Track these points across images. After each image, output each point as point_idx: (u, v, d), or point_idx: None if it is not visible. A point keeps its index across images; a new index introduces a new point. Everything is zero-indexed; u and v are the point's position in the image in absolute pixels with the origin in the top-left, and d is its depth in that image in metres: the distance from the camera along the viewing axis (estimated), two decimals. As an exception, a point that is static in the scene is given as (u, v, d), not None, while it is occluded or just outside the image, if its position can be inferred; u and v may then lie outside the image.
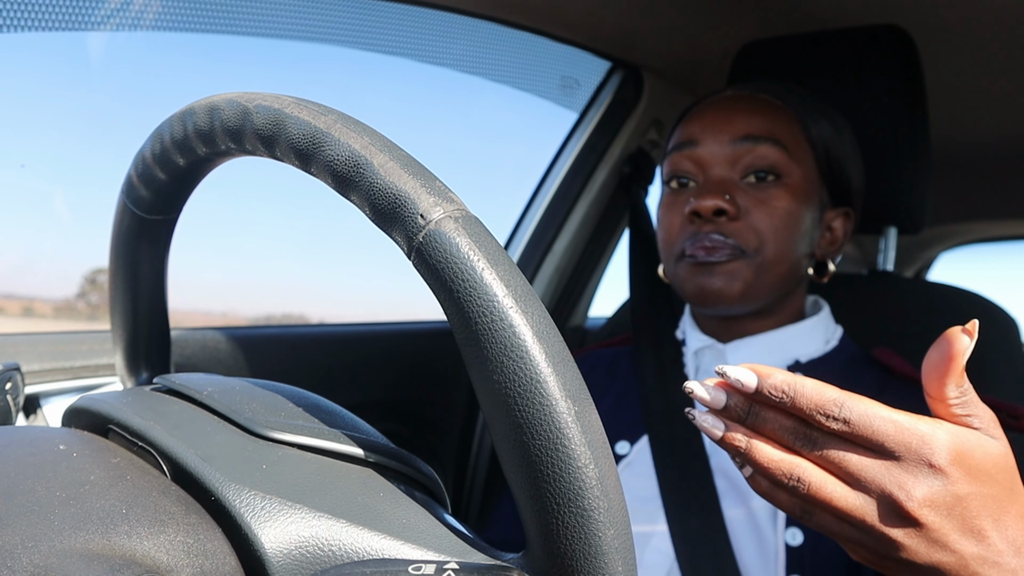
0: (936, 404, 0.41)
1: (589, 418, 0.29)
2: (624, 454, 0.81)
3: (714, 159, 0.76)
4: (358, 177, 0.31)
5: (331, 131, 0.32)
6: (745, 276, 0.74)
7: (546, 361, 0.28)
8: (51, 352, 0.87)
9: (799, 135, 0.77)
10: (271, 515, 0.31)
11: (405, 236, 0.30)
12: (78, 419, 0.40)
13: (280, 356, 1.06)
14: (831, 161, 0.79)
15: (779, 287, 0.77)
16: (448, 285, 0.29)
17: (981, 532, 0.39)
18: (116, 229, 0.44)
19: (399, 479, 0.36)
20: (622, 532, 0.29)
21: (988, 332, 0.87)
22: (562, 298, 1.41)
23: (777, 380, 0.39)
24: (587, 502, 0.28)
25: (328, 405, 0.41)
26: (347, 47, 1.08)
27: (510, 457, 0.29)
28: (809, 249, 0.79)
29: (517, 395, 0.28)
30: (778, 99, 0.79)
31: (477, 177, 2.41)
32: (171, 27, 0.92)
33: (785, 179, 0.75)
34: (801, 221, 0.76)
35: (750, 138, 0.75)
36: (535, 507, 0.29)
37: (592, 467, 0.28)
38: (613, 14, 1.11)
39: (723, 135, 0.76)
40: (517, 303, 0.29)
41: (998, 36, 1.11)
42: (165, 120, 0.38)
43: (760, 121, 0.76)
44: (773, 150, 0.75)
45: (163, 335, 0.48)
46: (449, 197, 0.31)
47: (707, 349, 0.82)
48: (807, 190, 0.77)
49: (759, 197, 0.74)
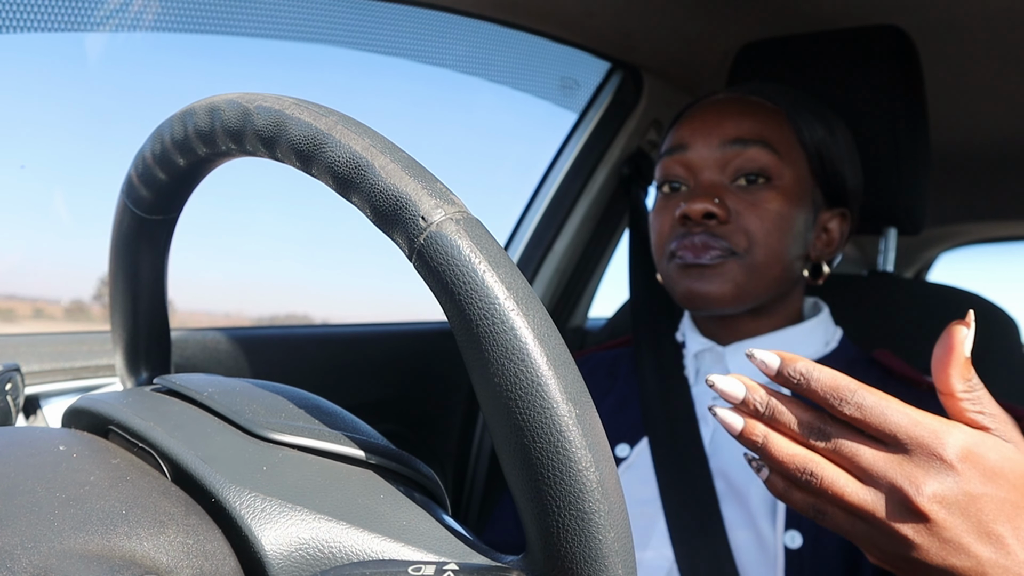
0: (948, 400, 0.41)
1: (590, 421, 0.29)
2: (624, 456, 0.81)
3: (704, 163, 0.77)
4: (359, 179, 0.31)
5: (332, 132, 0.32)
6: (736, 277, 0.74)
7: (547, 364, 0.28)
8: (51, 353, 0.87)
9: (790, 137, 0.77)
10: (271, 517, 0.31)
11: (406, 238, 0.30)
12: (78, 420, 0.40)
13: (280, 357, 1.06)
14: (824, 162, 0.78)
15: (772, 288, 0.77)
16: (449, 287, 0.29)
17: (999, 538, 0.38)
18: (116, 229, 0.44)
19: (399, 481, 0.37)
20: (622, 535, 0.29)
21: (988, 332, 0.87)
22: (562, 299, 1.41)
23: (797, 364, 0.41)
24: (588, 505, 0.28)
25: (328, 406, 0.41)
26: (347, 48, 1.08)
27: (511, 459, 0.29)
28: (803, 251, 0.78)
29: (518, 398, 0.28)
30: (770, 101, 0.79)
31: (477, 178, 2.41)
32: (172, 28, 0.92)
33: (775, 181, 0.75)
34: (793, 223, 0.76)
35: (739, 141, 0.75)
36: (535, 509, 0.29)
37: (593, 470, 0.28)
38: (613, 15, 1.11)
39: (712, 139, 0.76)
40: (518, 306, 0.29)
41: (997, 37, 1.11)
42: (165, 120, 0.38)
43: (749, 124, 0.76)
44: (763, 153, 0.75)
45: (163, 335, 0.48)
46: (450, 199, 0.31)
47: (707, 352, 0.82)
48: (798, 192, 0.76)
49: (749, 200, 0.75)
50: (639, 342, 0.90)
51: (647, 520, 0.76)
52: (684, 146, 0.78)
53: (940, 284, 0.96)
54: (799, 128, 0.77)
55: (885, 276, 1.03)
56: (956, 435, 0.38)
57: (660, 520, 0.75)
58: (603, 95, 1.33)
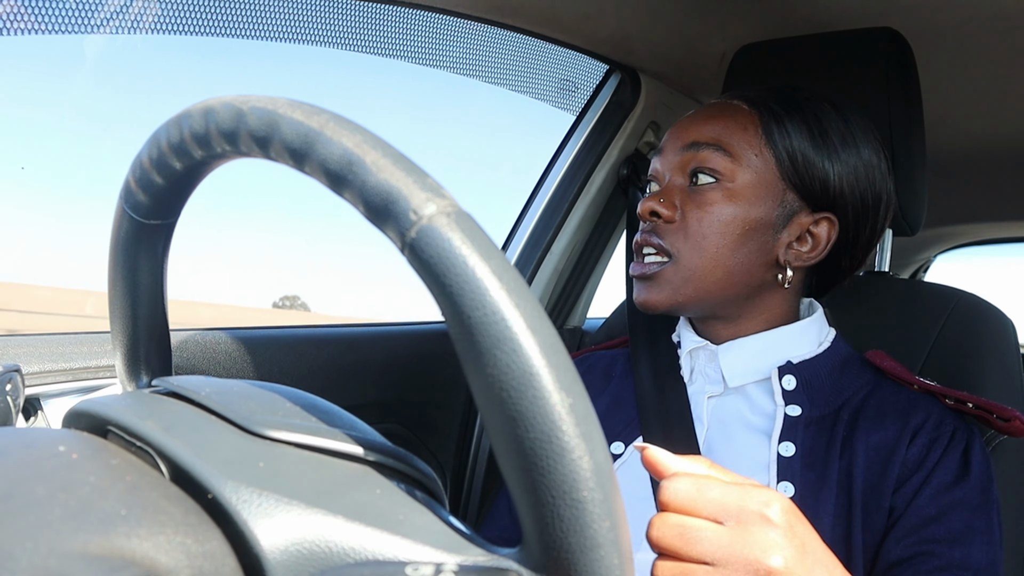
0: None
1: (583, 409, 0.29)
2: (619, 454, 0.82)
3: (667, 166, 0.81)
4: (351, 175, 0.31)
5: (324, 130, 0.32)
6: (674, 284, 0.77)
7: (539, 353, 0.28)
8: (51, 353, 0.87)
9: (754, 139, 0.77)
10: (267, 511, 0.31)
11: (398, 232, 0.30)
12: (77, 422, 0.40)
13: (281, 357, 1.07)
14: (797, 165, 0.77)
15: (720, 292, 0.77)
16: (441, 280, 0.29)
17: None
18: (115, 235, 0.44)
19: (396, 477, 0.37)
20: (617, 524, 0.29)
21: (982, 333, 0.88)
22: (560, 299, 1.41)
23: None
24: (582, 494, 0.28)
25: (325, 405, 0.41)
26: (346, 51, 1.08)
27: (505, 450, 0.29)
28: (765, 256, 0.78)
29: (511, 387, 0.28)
30: (749, 105, 0.79)
31: (475, 178, 2.42)
32: (173, 29, 0.92)
33: (724, 183, 0.76)
34: (740, 225, 0.76)
35: (695, 145, 0.78)
36: (530, 500, 0.29)
37: (587, 459, 0.28)
38: (610, 17, 1.11)
39: (677, 143, 0.80)
40: (509, 296, 0.29)
41: (992, 39, 1.11)
42: (162, 125, 0.39)
43: (710, 128, 0.78)
44: (714, 155, 0.77)
45: (163, 339, 0.48)
46: (441, 193, 0.31)
47: (700, 350, 0.83)
48: (754, 194, 0.76)
49: (696, 202, 0.77)
50: (635, 342, 0.91)
51: (641, 517, 0.76)
52: (661, 150, 0.83)
53: (936, 284, 0.96)
54: (769, 131, 0.77)
55: (881, 276, 1.04)
56: (773, 499, 0.48)
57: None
58: (601, 97, 1.33)
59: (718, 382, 0.80)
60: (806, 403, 0.76)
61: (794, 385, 0.77)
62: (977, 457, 0.70)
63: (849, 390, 0.77)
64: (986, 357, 0.86)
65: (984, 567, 0.65)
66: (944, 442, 0.70)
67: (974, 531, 0.66)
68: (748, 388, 0.79)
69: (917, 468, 0.69)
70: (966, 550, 0.65)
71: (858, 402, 0.76)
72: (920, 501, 0.68)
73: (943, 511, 0.67)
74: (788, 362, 0.78)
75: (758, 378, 0.79)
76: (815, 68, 0.98)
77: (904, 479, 0.69)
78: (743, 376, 0.79)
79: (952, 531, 0.66)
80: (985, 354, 0.86)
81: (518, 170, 1.74)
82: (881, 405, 0.75)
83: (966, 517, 0.66)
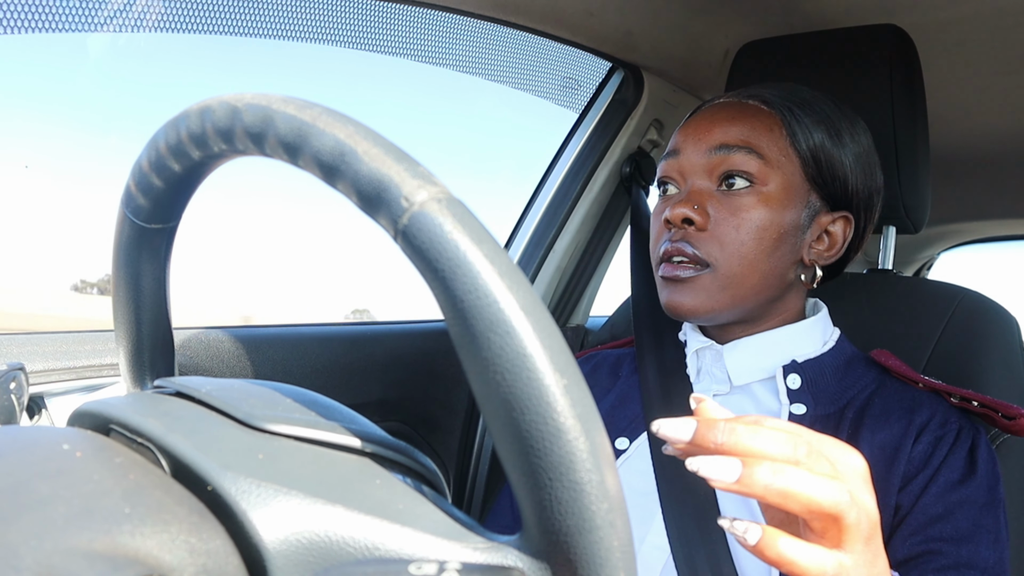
0: None
1: (578, 391, 0.29)
2: (623, 449, 0.82)
3: (692, 169, 0.78)
4: (343, 166, 0.32)
5: (316, 123, 0.32)
6: (711, 291, 0.75)
7: (533, 335, 0.28)
8: (55, 352, 0.88)
9: (781, 141, 0.77)
10: (266, 501, 0.31)
11: (390, 219, 0.31)
12: (81, 422, 0.40)
13: (284, 355, 1.07)
14: (821, 167, 0.77)
15: (753, 297, 0.77)
16: (433, 265, 0.29)
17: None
18: (117, 240, 0.44)
19: (396, 468, 0.37)
20: (616, 506, 0.29)
21: (987, 331, 0.87)
22: (563, 297, 1.41)
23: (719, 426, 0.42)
24: (579, 475, 0.28)
25: (325, 401, 0.41)
26: (347, 48, 1.08)
27: (501, 434, 0.29)
28: (794, 256, 0.78)
29: (505, 370, 0.28)
30: (765, 104, 0.79)
31: (478, 176, 2.42)
32: (173, 28, 0.92)
33: (758, 187, 0.75)
34: (775, 230, 0.75)
35: (724, 147, 0.76)
36: (528, 483, 0.29)
37: (583, 439, 0.28)
38: (613, 15, 1.11)
39: (702, 144, 0.78)
40: (502, 279, 0.29)
41: (996, 36, 1.11)
42: (160, 127, 0.39)
43: (737, 129, 0.77)
44: (747, 158, 0.75)
45: (167, 343, 0.48)
46: (432, 180, 0.31)
47: (707, 349, 0.83)
48: (786, 197, 0.76)
49: (730, 207, 0.75)
50: (641, 341, 0.91)
51: (645, 512, 0.76)
52: (677, 151, 0.80)
53: (939, 282, 0.96)
54: (793, 132, 0.77)
55: (884, 273, 1.04)
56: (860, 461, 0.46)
57: (657, 513, 0.75)
58: (604, 94, 1.33)
59: (724, 381, 0.80)
60: (811, 402, 0.76)
61: (799, 384, 0.77)
62: (983, 455, 0.69)
63: (854, 389, 0.77)
64: (990, 355, 0.86)
65: (992, 565, 0.64)
66: (950, 440, 0.70)
67: (981, 529, 0.66)
68: (753, 387, 0.79)
69: (923, 466, 0.69)
70: (973, 548, 0.65)
71: (863, 401, 0.76)
72: (926, 499, 0.67)
73: (950, 509, 0.66)
74: (793, 361, 0.78)
75: (763, 377, 0.79)
76: (818, 65, 0.97)
77: (910, 477, 0.69)
78: (748, 375, 0.79)
79: (959, 529, 0.66)
80: (989, 352, 0.86)
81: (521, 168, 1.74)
82: (886, 403, 0.75)
83: (973, 515, 0.66)
